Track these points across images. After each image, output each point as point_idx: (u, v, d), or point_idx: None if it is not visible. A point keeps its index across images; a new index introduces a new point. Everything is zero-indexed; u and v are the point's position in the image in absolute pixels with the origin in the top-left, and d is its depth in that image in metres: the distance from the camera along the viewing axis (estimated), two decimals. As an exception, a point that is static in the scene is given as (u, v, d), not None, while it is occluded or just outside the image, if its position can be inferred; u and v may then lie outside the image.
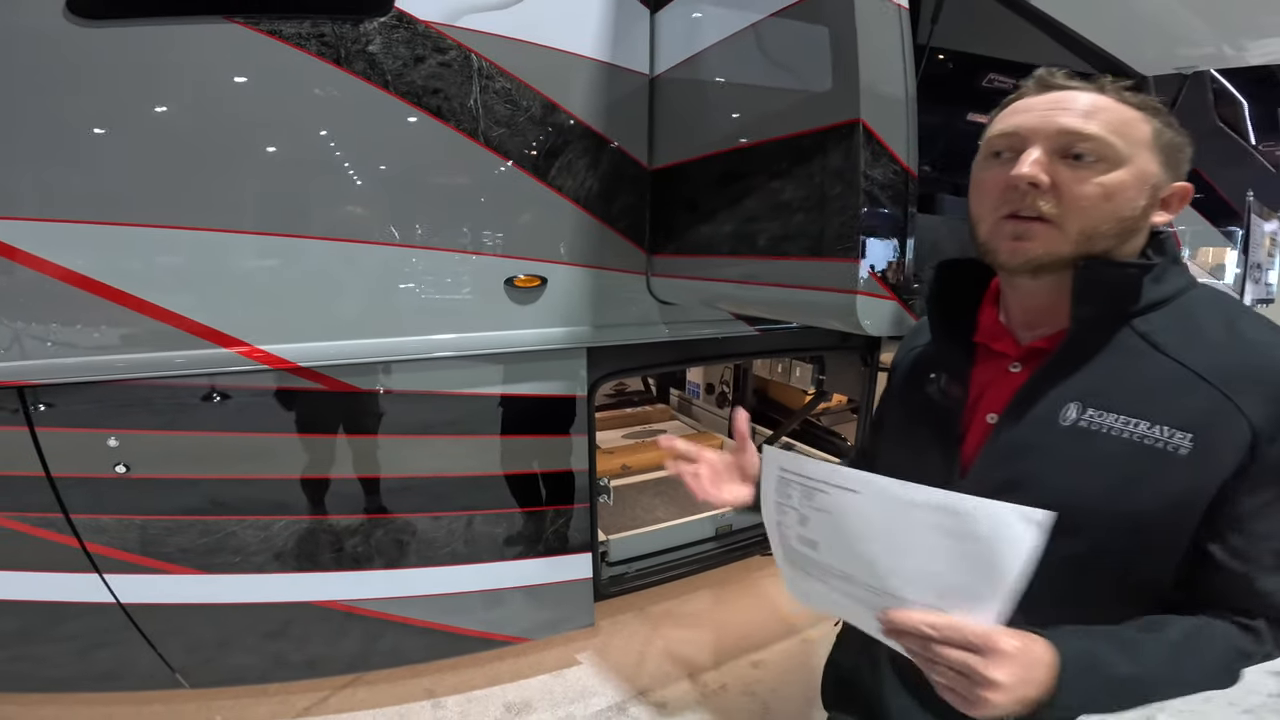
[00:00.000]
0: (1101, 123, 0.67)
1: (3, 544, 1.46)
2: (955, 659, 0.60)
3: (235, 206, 1.39)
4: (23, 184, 1.28)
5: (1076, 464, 0.69)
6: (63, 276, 1.30)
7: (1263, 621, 0.69)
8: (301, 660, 1.82)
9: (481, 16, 1.54)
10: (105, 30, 1.30)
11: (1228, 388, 0.65)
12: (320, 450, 1.60)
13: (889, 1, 1.20)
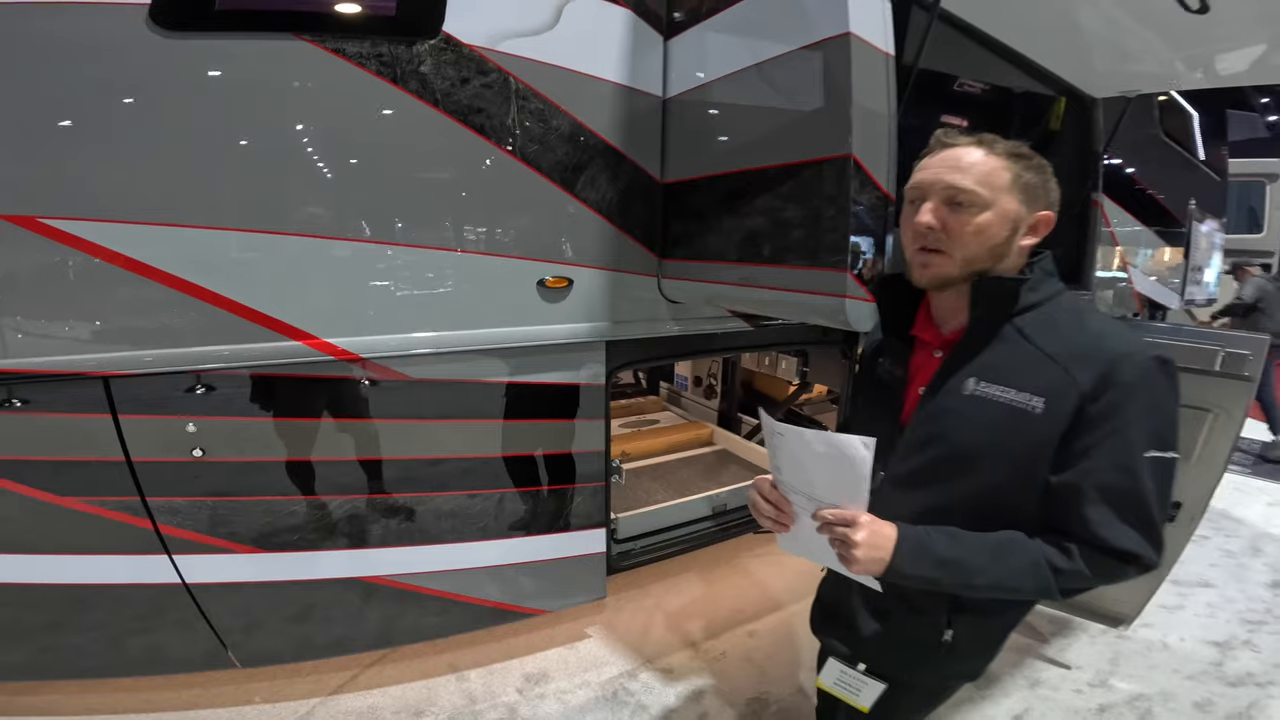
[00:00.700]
0: (973, 177, 0.97)
1: (80, 529, 1.62)
2: (838, 532, 0.95)
3: (304, 212, 1.60)
4: (110, 188, 1.45)
5: (973, 421, 1.00)
6: (148, 274, 1.48)
7: (1075, 543, 0.94)
8: (344, 635, 2.01)
9: (518, 41, 1.77)
10: (186, 42, 1.48)
11: (1067, 365, 0.95)
12: (375, 434, 1.81)
13: (878, 51, 1.48)
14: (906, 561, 0.95)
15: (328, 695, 2.14)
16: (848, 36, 1.43)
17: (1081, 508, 0.93)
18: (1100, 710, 2.11)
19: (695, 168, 1.92)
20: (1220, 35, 1.98)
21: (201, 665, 1.95)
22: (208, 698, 2.09)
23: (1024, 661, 2.36)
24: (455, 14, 1.68)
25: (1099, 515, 0.92)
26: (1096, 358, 0.93)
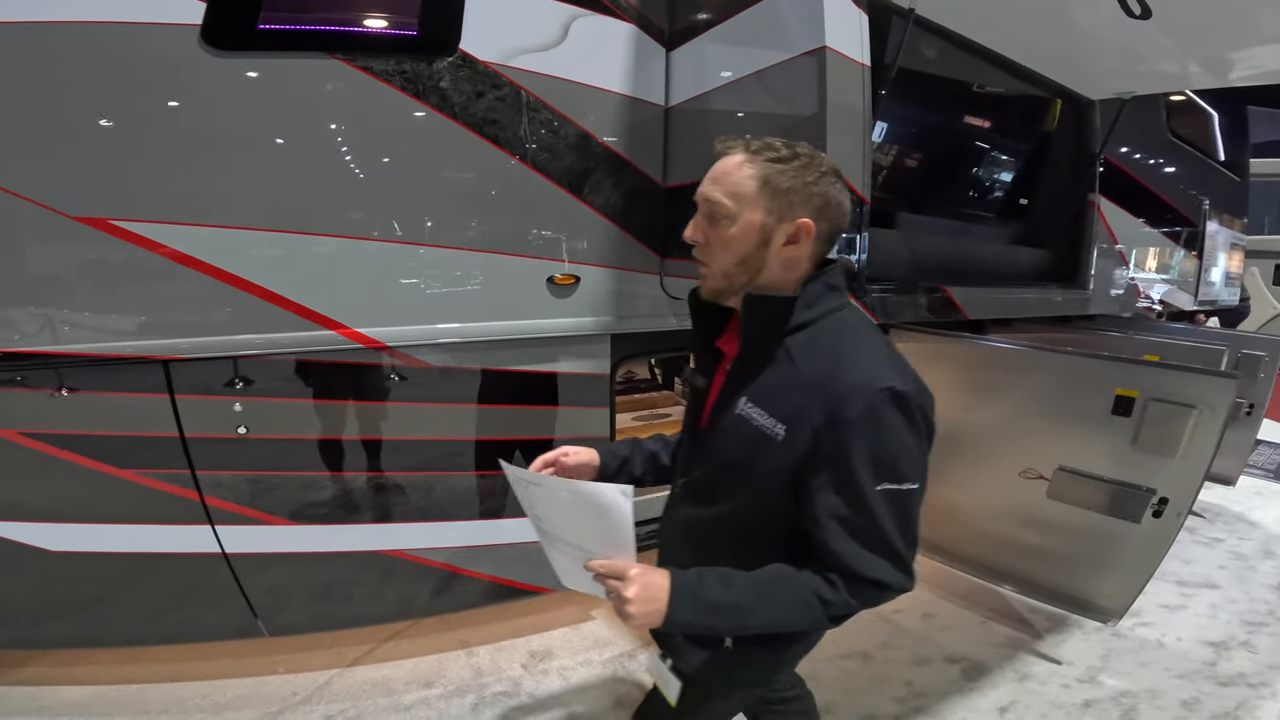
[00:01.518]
0: (723, 189, 0.98)
1: (135, 499, 1.86)
2: (610, 586, 0.94)
3: (338, 214, 1.85)
4: (171, 193, 1.70)
5: (734, 440, 1.03)
6: (203, 269, 1.73)
7: (837, 575, 0.96)
8: (366, 607, 2.22)
9: (529, 57, 1.99)
10: (233, 61, 1.72)
11: (809, 394, 0.95)
12: (399, 417, 2.04)
13: (854, 63, 1.66)
14: (681, 611, 0.95)
15: (345, 667, 2.35)
16: (823, 50, 1.62)
17: (829, 542, 0.96)
18: (1085, 705, 2.22)
19: (695, 172, 2.10)
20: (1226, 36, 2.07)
21: (232, 634, 2.17)
22: (235, 668, 2.31)
23: (1015, 655, 2.47)
24: (471, 33, 1.91)
25: (847, 548, 0.95)
26: (831, 390, 0.94)
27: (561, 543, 1.04)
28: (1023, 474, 2.24)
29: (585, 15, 2.08)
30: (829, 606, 0.96)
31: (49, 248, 1.65)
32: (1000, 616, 2.72)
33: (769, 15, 1.80)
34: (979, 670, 2.40)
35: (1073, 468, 2.11)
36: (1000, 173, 2.94)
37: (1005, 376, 2.34)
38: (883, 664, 2.42)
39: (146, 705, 2.13)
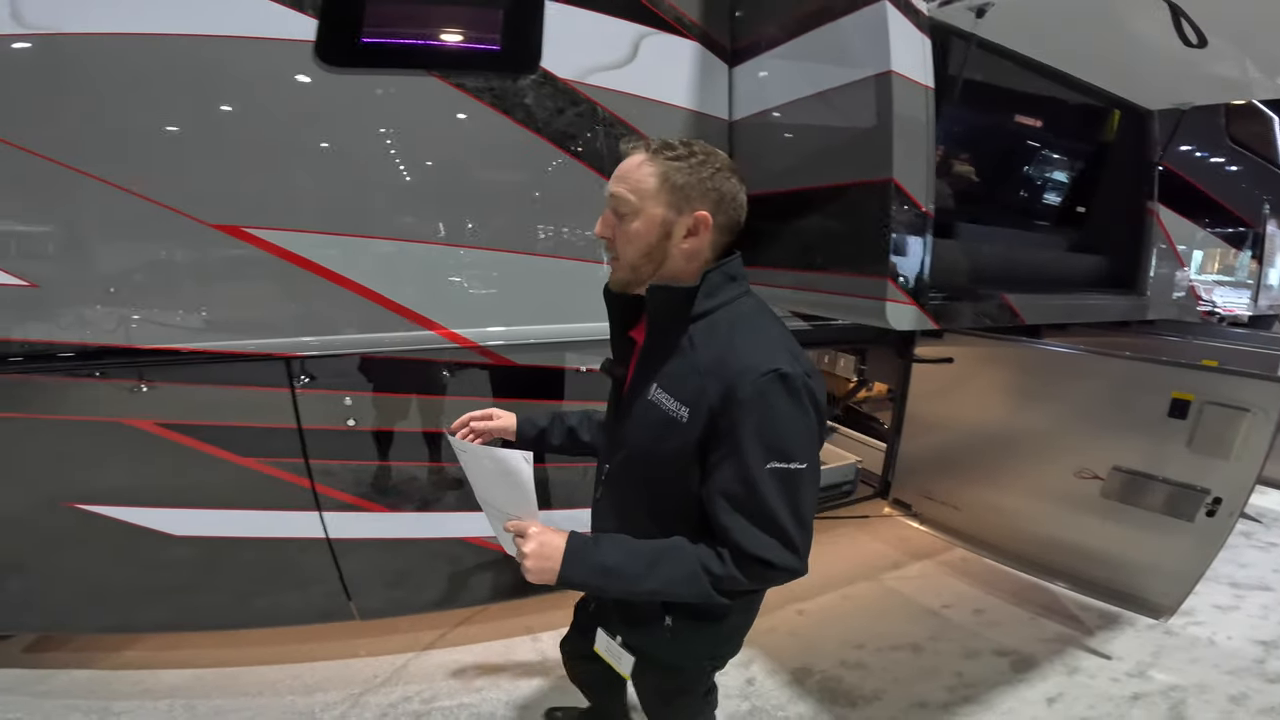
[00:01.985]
0: (626, 185, 1.07)
1: (253, 486, 2.06)
2: (516, 544, 1.07)
3: (435, 224, 2.04)
4: (294, 202, 1.91)
5: (644, 425, 1.12)
6: (322, 274, 1.94)
7: (726, 550, 1.04)
8: (448, 592, 2.41)
9: (603, 75, 2.17)
10: (344, 76, 1.91)
11: (706, 377, 1.04)
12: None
13: (918, 85, 1.79)
14: (571, 570, 1.04)
15: (421, 650, 2.53)
16: (889, 75, 1.76)
17: (719, 517, 1.04)
18: (1134, 698, 2.32)
19: (758, 185, 2.27)
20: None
21: (326, 617, 2.36)
22: (321, 651, 2.49)
23: (1064, 650, 2.58)
24: (551, 52, 2.08)
25: (735, 524, 1.02)
26: (724, 373, 1.02)
27: (489, 506, 1.19)
28: (1078, 474, 2.35)
29: (653, 34, 2.24)
30: (716, 580, 1.04)
31: (188, 253, 1.87)
32: (1050, 613, 2.82)
33: (834, 39, 1.95)
34: (1028, 663, 2.51)
35: (1128, 468, 2.22)
36: (1058, 182, 3.03)
37: (1062, 380, 2.45)
38: (932, 655, 2.55)
39: (242, 687, 2.31)
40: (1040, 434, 2.51)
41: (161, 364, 1.89)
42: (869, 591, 3.02)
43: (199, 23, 1.80)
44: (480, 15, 2.12)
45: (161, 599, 2.23)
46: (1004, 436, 2.65)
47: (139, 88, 1.81)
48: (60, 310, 1.82)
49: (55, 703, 2.21)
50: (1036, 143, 2.94)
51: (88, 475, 2.00)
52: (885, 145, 1.75)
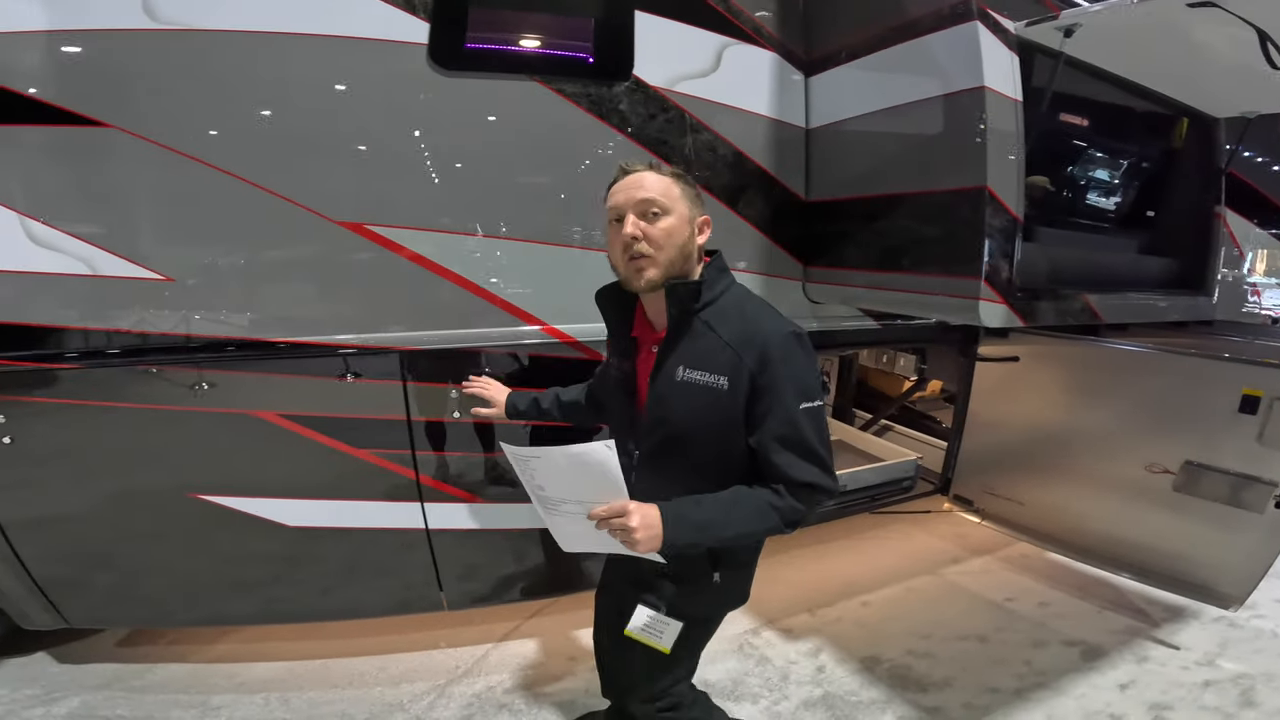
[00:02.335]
0: (656, 191, 1.27)
1: (364, 477, 2.16)
2: (616, 524, 1.17)
3: (539, 224, 2.16)
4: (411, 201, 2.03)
5: (684, 401, 1.29)
6: (436, 270, 2.06)
7: (781, 485, 1.25)
8: (535, 581, 2.51)
9: (690, 83, 2.30)
10: (455, 80, 2.03)
11: (738, 349, 1.25)
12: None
13: (1008, 99, 1.92)
14: (674, 531, 1.20)
15: (497, 641, 2.65)
16: (982, 90, 1.88)
17: (771, 457, 1.25)
18: (1204, 685, 2.43)
19: (837, 189, 2.42)
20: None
21: (415, 608, 2.46)
22: (403, 643, 2.61)
23: (1133, 641, 2.70)
24: (642, 60, 2.22)
25: (785, 460, 1.24)
26: (755, 341, 1.25)
27: (565, 504, 1.28)
28: (1149, 468, 2.48)
29: (734, 44, 2.37)
30: (780, 511, 1.25)
31: (314, 248, 2.00)
32: (1116, 607, 2.93)
33: (921, 54, 2.07)
34: (1097, 652, 2.62)
35: (1200, 462, 2.34)
36: (1129, 187, 3.17)
37: (1130, 377, 2.57)
38: (999, 646, 2.66)
39: (332, 679, 2.41)
40: (1109, 430, 2.63)
41: (285, 357, 2.01)
42: (931, 585, 3.14)
43: (323, 23, 1.93)
44: (575, 24, 2.25)
45: (266, 590, 2.33)
46: (1070, 433, 2.78)
47: (270, 85, 1.94)
48: (193, 304, 1.95)
49: (155, 697, 2.31)
50: (1109, 149, 3.08)
51: (213, 466, 2.12)
52: (979, 155, 1.87)
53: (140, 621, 2.55)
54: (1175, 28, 1.95)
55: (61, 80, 1.81)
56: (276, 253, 2.00)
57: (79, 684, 2.35)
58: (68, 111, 1.81)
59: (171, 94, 1.88)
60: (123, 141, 1.83)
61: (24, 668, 2.43)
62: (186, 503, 2.11)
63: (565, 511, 1.29)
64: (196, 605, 2.37)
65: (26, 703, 2.24)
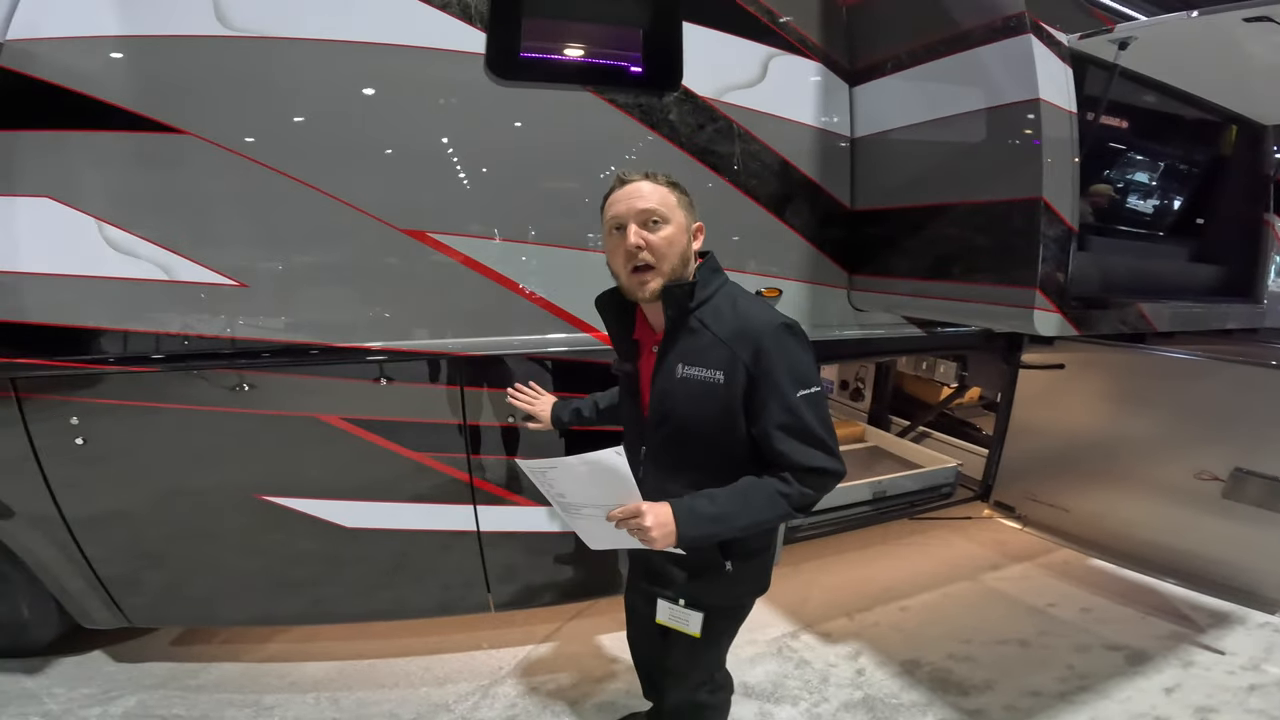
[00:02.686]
0: (655, 200, 1.34)
1: (421, 480, 2.24)
2: (631, 524, 1.26)
3: (591, 231, 2.21)
4: (471, 210, 2.10)
5: (685, 397, 1.38)
6: (494, 277, 2.13)
7: (787, 471, 1.32)
8: (579, 582, 2.57)
9: (738, 93, 2.35)
10: (512, 90, 2.10)
11: (732, 344, 1.32)
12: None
13: (1063, 110, 1.97)
14: (686, 525, 1.28)
15: (539, 643, 2.70)
16: (1038, 101, 1.93)
17: (775, 445, 1.31)
18: (1250, 689, 2.47)
19: (884, 198, 2.47)
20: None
21: (463, 609, 2.53)
22: (447, 643, 2.68)
23: (1178, 646, 2.73)
24: (691, 70, 2.27)
25: (789, 447, 1.30)
26: (748, 335, 1.32)
27: (585, 508, 1.36)
28: (1197, 475, 2.52)
29: (780, 54, 2.43)
30: (789, 498, 1.31)
31: (380, 256, 2.07)
32: (1160, 612, 2.96)
33: (972, 66, 2.12)
34: (1141, 657, 2.66)
35: (1250, 469, 2.37)
36: (1179, 194, 3.22)
37: (1178, 385, 2.62)
38: (1041, 650, 2.70)
39: (380, 679, 2.48)
40: (1156, 437, 2.68)
41: (350, 361, 2.09)
42: (970, 590, 3.18)
43: (386, 31, 2.01)
44: (625, 35, 2.31)
45: (321, 590, 2.41)
46: (1116, 440, 2.82)
47: (339, 93, 2.02)
48: (263, 309, 2.03)
49: (209, 697, 2.38)
50: (1158, 157, 3.12)
51: (279, 468, 2.20)
52: (1035, 166, 1.92)
53: (198, 621, 2.64)
54: (1229, 39, 1.99)
55: (137, 85, 1.90)
56: (343, 260, 2.08)
57: (135, 683, 2.42)
58: (144, 117, 1.89)
59: (242, 101, 1.96)
60: (197, 148, 1.92)
61: (80, 666, 2.51)
62: (252, 504, 2.19)
63: (586, 515, 1.38)
64: (254, 605, 2.45)
65: (83, 701, 2.32)
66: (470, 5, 2.07)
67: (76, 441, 2.04)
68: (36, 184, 1.88)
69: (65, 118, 1.88)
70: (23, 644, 2.49)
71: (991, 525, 3.65)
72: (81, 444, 2.04)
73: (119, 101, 1.89)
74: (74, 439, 2.03)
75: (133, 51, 1.90)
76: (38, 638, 2.48)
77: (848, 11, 2.54)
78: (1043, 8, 2.01)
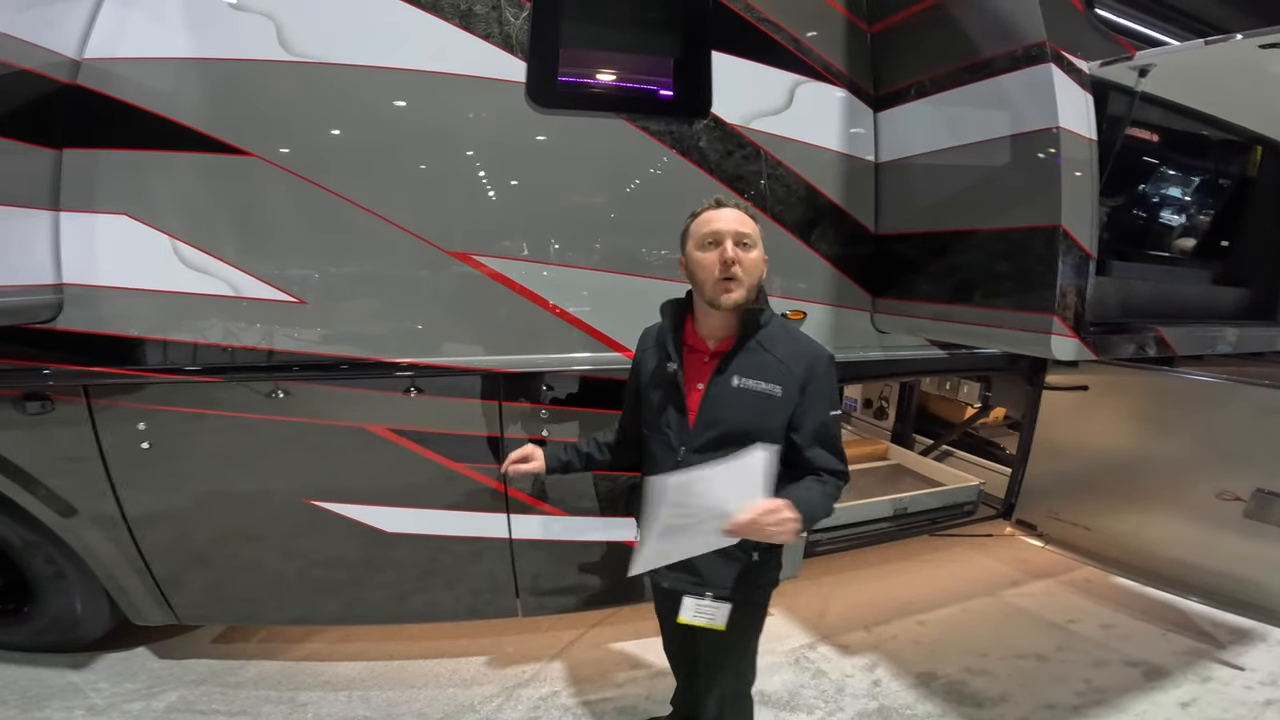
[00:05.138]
0: (749, 227, 1.56)
1: (459, 488, 2.37)
2: (771, 520, 1.40)
3: (623, 255, 2.35)
4: (511, 233, 2.23)
5: (739, 404, 1.58)
6: (531, 298, 2.25)
7: (822, 472, 1.59)
8: (603, 591, 2.66)
9: (765, 120, 2.45)
10: (551, 117, 2.23)
11: (789, 364, 1.58)
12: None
13: (1083, 139, 2.05)
14: (807, 519, 1.47)
15: (563, 648, 2.79)
16: (1057, 130, 2.01)
17: (812, 449, 1.59)
18: (1266, 704, 2.50)
19: (907, 224, 2.55)
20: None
21: (491, 613, 2.64)
22: (474, 647, 2.79)
23: (1196, 661, 2.77)
24: (719, 98, 2.38)
25: (822, 453, 1.60)
26: (803, 359, 1.60)
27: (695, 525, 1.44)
28: (1219, 496, 2.57)
29: (805, 81, 2.52)
30: (830, 496, 1.59)
31: (428, 275, 2.21)
32: (1180, 629, 2.99)
33: (994, 93, 2.20)
34: (1160, 672, 2.70)
35: (1272, 490, 2.42)
36: (1202, 216, 3.24)
37: (1201, 407, 2.68)
38: (1059, 664, 2.75)
39: (409, 679, 2.59)
40: (1179, 458, 2.74)
41: (400, 376, 2.23)
42: (989, 606, 3.23)
43: (433, 60, 2.15)
44: (657, 63, 2.44)
45: (356, 592, 2.53)
46: (1140, 460, 2.88)
47: (394, 119, 2.16)
48: (323, 325, 2.17)
49: (248, 693, 2.50)
50: (1181, 179, 3.17)
51: (326, 474, 2.34)
52: (1054, 194, 2.00)
53: (241, 620, 2.78)
54: (1249, 63, 2.04)
55: (205, 107, 2.05)
56: (395, 279, 2.22)
57: (178, 679, 2.55)
58: (213, 139, 2.05)
59: (303, 125, 2.12)
60: (263, 170, 2.07)
61: (124, 662, 2.64)
62: (299, 508, 2.33)
63: (693, 528, 1.45)
64: (294, 605, 2.59)
65: (127, 696, 2.44)
66: (511, 35, 2.21)
67: (142, 446, 2.19)
68: (114, 202, 2.04)
69: (141, 137, 2.04)
70: (72, 639, 2.63)
71: (1013, 543, 3.69)
72: (147, 448, 2.20)
73: (189, 122, 2.04)
74: (140, 443, 2.19)
75: (201, 74, 2.05)
76: (88, 633, 2.62)
77: (872, 38, 2.63)
78: (1064, 36, 2.08)
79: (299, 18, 2.09)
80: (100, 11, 2.04)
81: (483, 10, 2.19)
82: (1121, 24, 2.47)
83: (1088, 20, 2.28)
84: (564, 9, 2.28)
